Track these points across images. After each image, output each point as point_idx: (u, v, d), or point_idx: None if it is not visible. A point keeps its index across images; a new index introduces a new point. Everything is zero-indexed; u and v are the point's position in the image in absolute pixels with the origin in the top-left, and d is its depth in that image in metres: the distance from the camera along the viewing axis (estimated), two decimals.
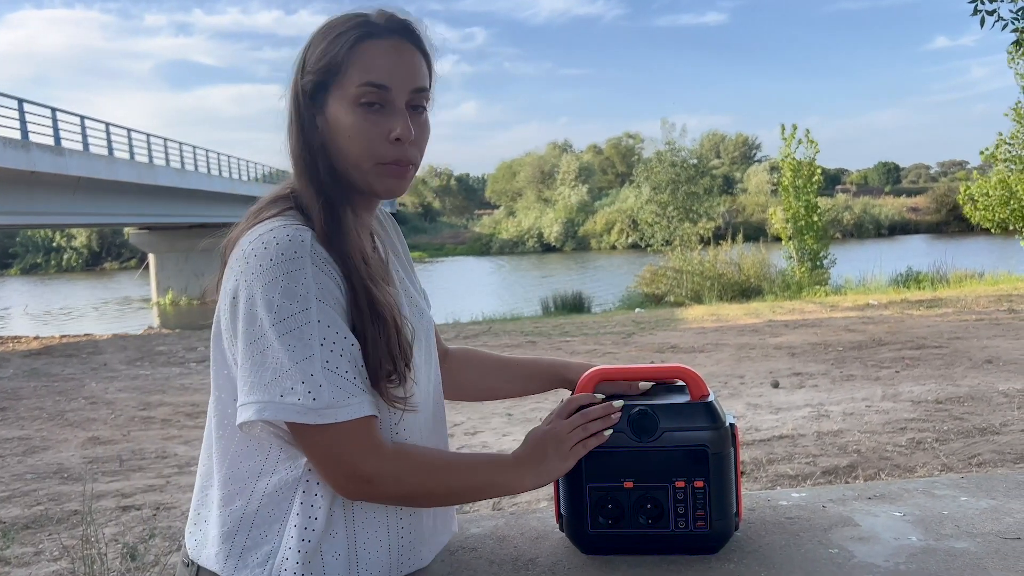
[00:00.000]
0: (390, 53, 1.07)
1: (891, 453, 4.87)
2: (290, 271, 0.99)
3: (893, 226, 56.02)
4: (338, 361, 1.00)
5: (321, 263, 1.01)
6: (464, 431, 6.20)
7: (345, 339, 1.01)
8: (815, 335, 10.19)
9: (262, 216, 1.07)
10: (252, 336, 0.99)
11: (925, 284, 16.52)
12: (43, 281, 50.64)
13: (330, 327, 1.00)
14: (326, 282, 1.01)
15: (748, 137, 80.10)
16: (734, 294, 17.23)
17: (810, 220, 18.52)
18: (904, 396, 6.40)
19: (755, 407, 6.39)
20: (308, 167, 1.08)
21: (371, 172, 1.09)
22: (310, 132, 1.09)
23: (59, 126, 20.56)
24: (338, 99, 1.07)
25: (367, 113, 1.06)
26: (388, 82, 1.06)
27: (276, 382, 0.98)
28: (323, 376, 0.98)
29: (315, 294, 0.99)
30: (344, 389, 1.00)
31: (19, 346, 15.36)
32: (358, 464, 1.02)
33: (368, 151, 1.07)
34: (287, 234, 1.01)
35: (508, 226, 61.37)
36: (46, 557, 3.98)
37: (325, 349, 0.99)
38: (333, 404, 0.99)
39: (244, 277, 1.00)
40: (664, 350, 9.74)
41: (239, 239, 1.05)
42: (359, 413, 1.01)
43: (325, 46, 1.07)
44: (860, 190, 76.04)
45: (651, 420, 1.18)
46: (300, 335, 0.98)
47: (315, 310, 0.99)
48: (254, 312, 0.99)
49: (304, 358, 0.98)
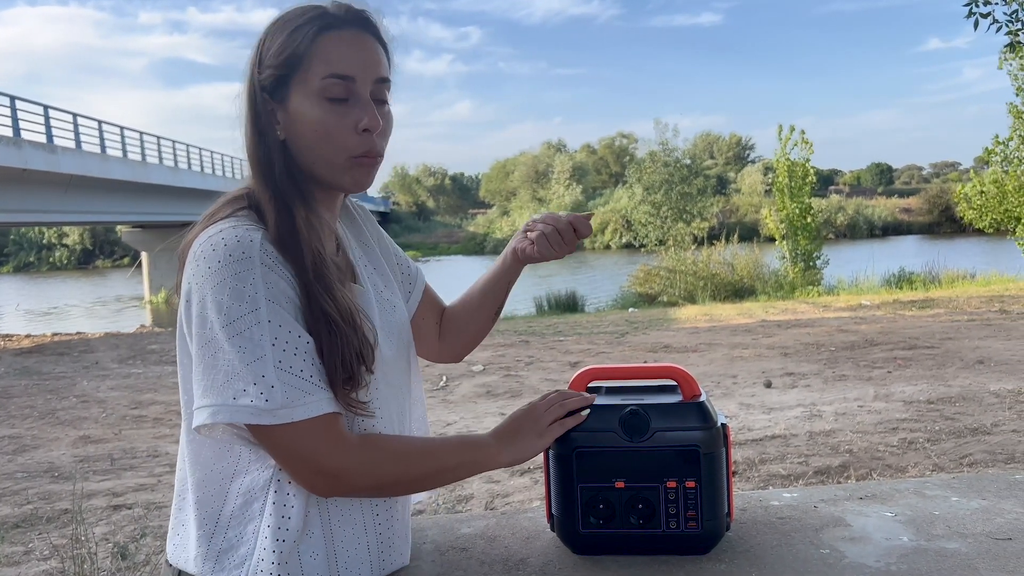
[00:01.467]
0: (352, 44, 1.06)
1: (883, 453, 4.89)
2: (238, 272, 0.98)
3: (886, 227, 56.16)
4: (292, 360, 0.99)
5: (272, 263, 1.00)
6: (457, 430, 6.19)
7: (299, 338, 1.00)
8: (808, 335, 10.21)
9: (215, 217, 1.06)
10: (204, 339, 0.98)
11: (917, 285, 16.58)
12: (35, 279, 50.41)
13: (282, 327, 0.99)
14: (276, 282, 1.00)
15: (742, 138, 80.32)
16: (727, 294, 17.26)
17: (803, 221, 18.56)
18: (896, 396, 6.41)
19: (748, 407, 6.40)
20: (263, 165, 1.07)
21: (341, 166, 1.07)
22: (268, 129, 1.07)
23: (51, 124, 20.46)
24: (301, 93, 1.05)
25: (333, 106, 1.05)
26: (353, 73, 1.05)
27: (228, 384, 0.97)
28: (276, 376, 0.97)
29: (264, 295, 0.98)
30: (299, 388, 0.99)
31: (10, 344, 15.28)
32: (322, 461, 1.01)
33: (337, 144, 1.06)
34: (236, 235, 1.00)
35: (502, 225, 61.34)
36: (36, 556, 3.96)
37: (277, 349, 0.98)
38: (287, 404, 0.98)
39: (195, 280, 1.00)
40: (657, 350, 9.75)
41: (193, 241, 1.04)
42: (317, 411, 1.00)
43: (284, 39, 1.05)
44: (853, 191, 76.24)
45: (642, 420, 1.17)
46: (250, 336, 0.97)
47: (265, 310, 0.98)
48: (205, 315, 0.98)
49: (255, 359, 0.97)
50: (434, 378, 8.38)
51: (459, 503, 4.45)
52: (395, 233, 64.84)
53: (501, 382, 8.21)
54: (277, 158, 1.07)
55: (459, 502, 4.46)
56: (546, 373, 8.63)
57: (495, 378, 8.41)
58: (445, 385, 8.15)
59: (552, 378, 8.33)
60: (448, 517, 1.44)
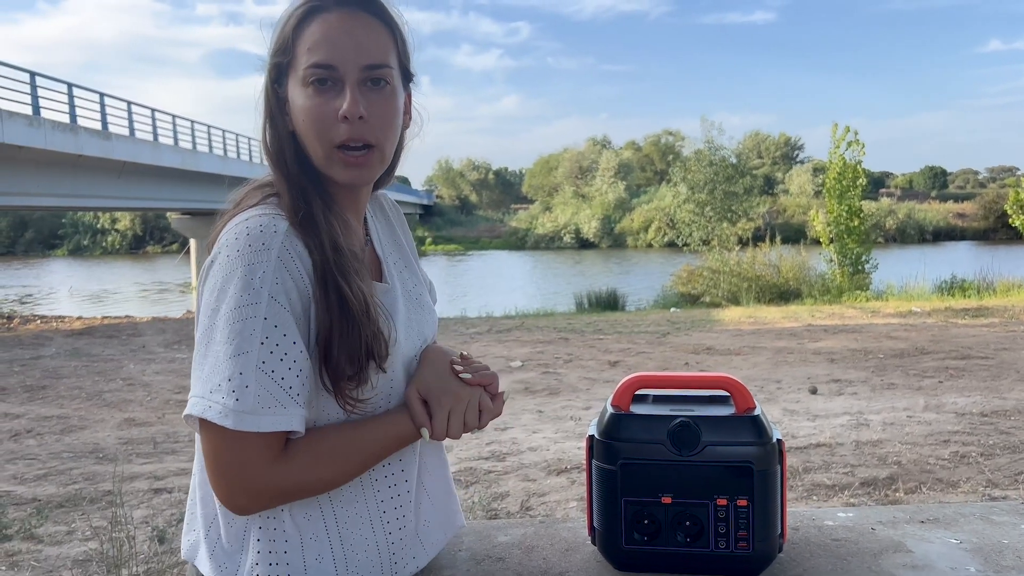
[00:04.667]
0: (336, 28, 1.00)
1: (933, 466, 4.73)
2: (251, 263, 0.94)
3: (938, 232, 54.78)
4: (276, 365, 0.94)
5: (290, 259, 0.96)
6: (494, 426, 6.16)
7: (294, 344, 0.95)
8: (855, 341, 9.97)
9: (243, 205, 1.04)
10: (205, 325, 0.95)
11: (970, 292, 16.08)
12: (88, 263, 51.76)
13: (277, 327, 0.94)
14: (286, 280, 0.95)
15: (791, 137, 78.94)
16: (772, 296, 16.96)
17: (852, 224, 18.15)
18: (948, 407, 6.21)
19: (792, 413, 6.25)
20: (276, 155, 1.05)
21: (327, 157, 1.02)
22: (278, 119, 1.05)
23: (106, 111, 20.92)
24: (293, 82, 1.03)
25: (315, 93, 1.01)
26: (333, 60, 1.00)
27: (211, 376, 0.93)
28: (254, 377, 0.92)
29: (269, 290, 0.94)
30: (274, 396, 0.93)
31: (63, 325, 15.69)
32: (256, 479, 0.95)
33: (320, 133, 1.01)
34: (260, 224, 0.97)
35: (544, 221, 61.18)
36: (78, 537, 4.03)
37: (264, 349, 0.93)
38: (256, 410, 0.92)
39: (216, 267, 0.97)
40: (699, 351, 9.60)
41: (222, 229, 1.01)
42: (284, 426, 0.94)
43: (280, 29, 1.03)
44: (905, 194, 74.48)
45: (693, 433, 1.11)
46: (241, 329, 0.93)
47: (265, 306, 0.93)
48: (211, 301, 0.95)
49: (239, 353, 0.92)
50: None
51: (495, 500, 4.41)
52: (438, 226, 65.24)
53: (539, 379, 8.15)
54: (287, 148, 1.04)
55: (495, 499, 4.42)
56: (585, 371, 8.55)
57: (533, 375, 8.36)
58: None
59: (591, 376, 8.26)
60: (485, 524, 1.39)
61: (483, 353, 9.44)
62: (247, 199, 1.04)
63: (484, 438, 5.78)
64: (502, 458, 5.23)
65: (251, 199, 1.04)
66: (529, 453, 5.33)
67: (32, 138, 16.29)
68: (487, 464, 5.10)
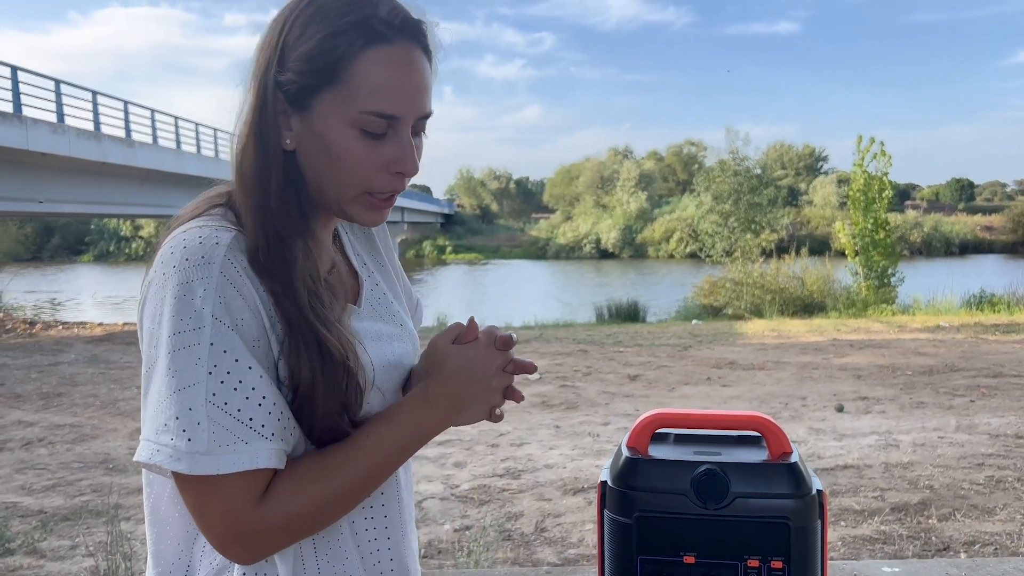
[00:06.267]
0: (402, 70, 0.87)
1: (967, 491, 4.52)
2: (190, 280, 0.81)
3: (965, 245, 53.96)
4: (230, 396, 0.80)
5: (235, 275, 0.83)
6: (510, 441, 6.02)
7: (250, 370, 0.81)
8: (882, 357, 9.72)
9: (183, 218, 0.90)
10: (145, 356, 0.83)
11: (1000, 307, 15.70)
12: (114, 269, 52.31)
13: (227, 352, 0.80)
14: (234, 298, 0.82)
15: (815, 148, 78.27)
16: (796, 309, 16.68)
17: (876, 236, 17.83)
18: (981, 428, 5.99)
19: (818, 432, 6.06)
20: (257, 175, 0.87)
21: (356, 200, 0.90)
22: (272, 134, 0.88)
23: (130, 119, 21.09)
24: (333, 113, 0.86)
25: (363, 137, 0.87)
26: (399, 112, 0.87)
27: (156, 415, 0.81)
28: (205, 412, 0.79)
29: (212, 311, 0.80)
30: (232, 431, 0.80)
31: (83, 331, 15.76)
32: (243, 523, 0.82)
33: (361, 179, 0.89)
34: (199, 236, 0.83)
35: (565, 231, 61.04)
36: (80, 552, 3.93)
37: (214, 379, 0.80)
38: (212, 450, 0.79)
39: (151, 287, 0.84)
40: (722, 366, 9.40)
41: (162, 244, 0.88)
42: (250, 464, 0.81)
43: (320, 42, 0.85)
44: (931, 206, 73.52)
45: (720, 482, 0.97)
46: (185, 358, 0.80)
47: (209, 330, 0.80)
48: (149, 327, 0.83)
49: (184, 387, 0.79)
50: None
51: (508, 520, 4.27)
52: (458, 235, 65.29)
53: (557, 392, 8.00)
54: (276, 169, 0.88)
55: (508, 519, 4.28)
56: (604, 385, 8.39)
57: (551, 388, 8.21)
58: None
59: (610, 390, 8.09)
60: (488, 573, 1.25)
61: None
62: (195, 209, 0.91)
63: (499, 454, 5.64)
64: (517, 475, 5.08)
65: (198, 209, 0.90)
66: (545, 471, 5.18)
67: (56, 145, 16.42)
68: (501, 482, 4.95)
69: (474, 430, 6.40)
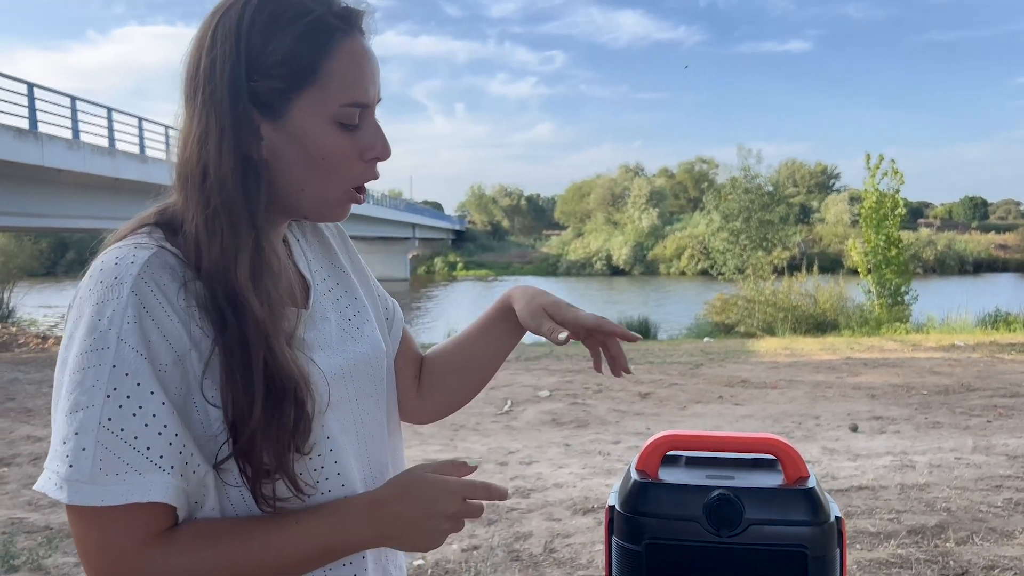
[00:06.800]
0: (364, 58, 0.89)
1: (985, 514, 4.43)
2: (100, 302, 0.78)
3: (979, 263, 53.58)
4: (127, 422, 0.76)
5: (148, 292, 0.79)
6: (519, 460, 5.96)
7: (151, 395, 0.77)
8: (897, 376, 9.61)
9: (111, 240, 0.88)
10: (55, 379, 0.81)
11: (1016, 326, 15.54)
12: None
13: (128, 376, 0.76)
14: (143, 319, 0.78)
15: (827, 166, 78.12)
16: (808, 327, 16.56)
17: (889, 254, 17.71)
18: (998, 449, 5.88)
19: (831, 452, 5.97)
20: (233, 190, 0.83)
21: (336, 199, 0.91)
22: (243, 146, 0.84)
23: (144, 135, 21.29)
24: (313, 113, 0.86)
25: (345, 132, 0.87)
26: (370, 99, 0.89)
27: (53, 441, 0.78)
28: (95, 437, 0.75)
29: (118, 331, 0.77)
30: (124, 460, 0.75)
31: None
32: (121, 563, 0.76)
33: (342, 175, 0.89)
34: (116, 256, 0.81)
35: (576, 247, 61.02)
36: None
37: (112, 403, 0.76)
38: (97, 478, 0.75)
39: (71, 311, 0.82)
40: (734, 384, 9.31)
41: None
42: (140, 497, 0.75)
43: (291, 45, 0.84)
44: (944, 224, 73.17)
45: (734, 508, 0.93)
46: (83, 379, 0.76)
47: (113, 351, 0.77)
48: (61, 352, 0.81)
49: (77, 408, 0.76)
50: (498, 402, 8.17)
51: (516, 540, 4.21)
52: (469, 252, 65.39)
53: (567, 410, 7.93)
54: (253, 183, 0.85)
55: (517, 540, 4.22)
56: (615, 403, 8.32)
57: (561, 405, 8.15)
58: (509, 410, 7.93)
59: (621, 408, 8.02)
60: None
61: (510, 382, 9.25)
62: (119, 234, 0.89)
63: (508, 472, 5.58)
64: (526, 494, 5.02)
65: (122, 233, 0.88)
66: (554, 490, 5.11)
67: (71, 161, 16.58)
68: (510, 501, 4.89)
69: (483, 447, 6.35)
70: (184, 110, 0.87)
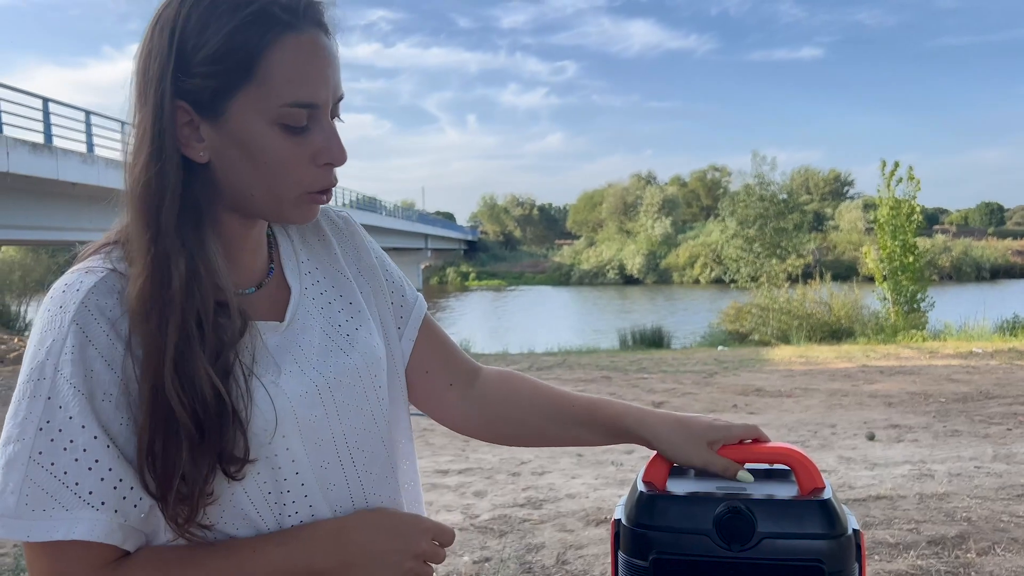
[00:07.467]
0: (315, 54, 0.81)
1: (1007, 524, 4.34)
2: (43, 330, 0.77)
3: (996, 269, 53.07)
4: (58, 456, 0.73)
5: (90, 320, 0.76)
6: (531, 470, 5.91)
7: (83, 429, 0.74)
8: (914, 383, 9.49)
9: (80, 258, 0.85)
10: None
11: None
12: None
13: (62, 408, 0.74)
14: (83, 347, 0.75)
15: (840, 173, 77.77)
16: (823, 335, 16.42)
17: (905, 261, 17.54)
18: (1019, 458, 5.78)
19: (848, 461, 5.89)
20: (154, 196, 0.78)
21: (291, 201, 0.84)
22: (170, 151, 0.78)
23: None
24: (252, 112, 0.79)
25: (290, 134, 0.81)
26: (320, 98, 0.81)
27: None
28: (22, 472, 0.73)
29: (56, 363, 0.75)
30: (52, 495, 0.73)
31: None
32: None
33: (292, 179, 0.82)
34: (64, 284, 0.79)
35: (588, 256, 60.96)
36: None
37: (44, 436, 0.73)
38: (23, 513, 0.73)
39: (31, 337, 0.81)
40: (748, 393, 9.23)
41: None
42: (63, 534, 0.73)
43: (225, 38, 0.77)
44: (960, 231, 72.58)
45: (746, 521, 0.88)
46: (17, 411, 0.75)
47: (48, 383, 0.74)
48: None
49: (8, 441, 0.74)
50: None
51: (529, 552, 4.16)
52: (482, 262, 65.46)
53: None
54: (176, 188, 0.79)
55: (529, 551, 4.17)
56: None
57: None
58: None
59: None
60: None
61: None
62: (82, 255, 0.86)
63: (520, 483, 5.54)
64: (538, 505, 4.97)
65: (85, 254, 0.85)
66: (567, 500, 5.06)
67: (86, 175, 16.71)
68: (522, 512, 4.85)
69: (495, 458, 6.30)
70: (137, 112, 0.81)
